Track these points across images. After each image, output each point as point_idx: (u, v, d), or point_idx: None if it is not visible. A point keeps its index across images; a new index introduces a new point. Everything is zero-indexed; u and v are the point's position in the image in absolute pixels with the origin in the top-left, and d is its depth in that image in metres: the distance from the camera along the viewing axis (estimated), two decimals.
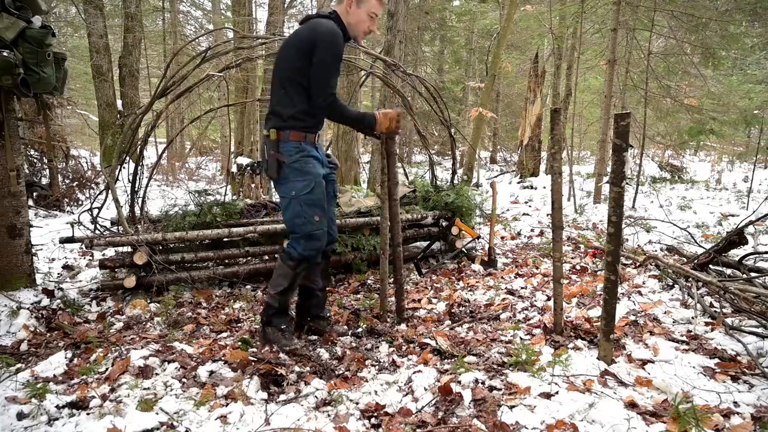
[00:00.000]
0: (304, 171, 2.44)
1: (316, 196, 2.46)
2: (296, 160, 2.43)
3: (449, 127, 4.43)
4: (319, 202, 2.47)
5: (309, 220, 2.44)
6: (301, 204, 2.43)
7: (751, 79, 11.00)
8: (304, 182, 2.43)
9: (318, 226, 2.47)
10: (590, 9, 8.91)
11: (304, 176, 2.44)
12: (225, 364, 2.32)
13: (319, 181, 2.48)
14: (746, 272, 3.35)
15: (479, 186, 9.64)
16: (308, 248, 2.48)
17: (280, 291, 2.51)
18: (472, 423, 1.76)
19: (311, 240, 2.47)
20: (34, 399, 1.94)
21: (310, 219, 2.44)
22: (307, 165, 2.45)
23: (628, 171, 2.23)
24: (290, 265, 2.49)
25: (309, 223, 2.45)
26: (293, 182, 2.44)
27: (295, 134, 2.44)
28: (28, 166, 6.61)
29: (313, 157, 2.49)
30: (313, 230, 2.46)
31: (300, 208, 2.43)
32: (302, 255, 2.47)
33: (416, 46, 13.57)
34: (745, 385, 2.02)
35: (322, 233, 2.50)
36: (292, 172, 2.44)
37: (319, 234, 2.49)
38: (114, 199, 3.37)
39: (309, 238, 2.47)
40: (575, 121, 10.73)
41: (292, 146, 2.44)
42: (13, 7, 2.83)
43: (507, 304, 3.16)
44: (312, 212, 2.45)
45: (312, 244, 2.48)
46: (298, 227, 2.45)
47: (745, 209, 6.88)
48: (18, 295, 3.06)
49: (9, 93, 2.99)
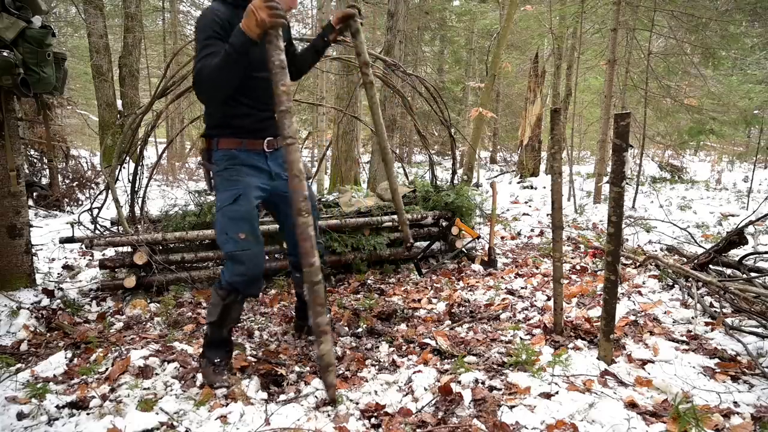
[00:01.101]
0: (231, 180, 2.13)
1: (241, 208, 2.09)
2: (224, 168, 2.15)
3: (449, 127, 4.43)
4: (245, 216, 2.09)
5: (232, 238, 2.06)
6: (225, 217, 2.09)
7: (751, 79, 10.99)
8: (228, 192, 2.11)
9: (242, 246, 2.06)
10: (590, 9, 8.91)
11: (230, 186, 2.13)
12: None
13: (248, 193, 2.12)
14: (746, 272, 3.35)
15: (479, 186, 9.64)
16: (234, 274, 2.07)
17: (211, 322, 2.16)
18: (472, 423, 1.76)
19: (235, 263, 2.07)
20: (34, 399, 1.95)
21: (233, 236, 2.06)
22: (237, 174, 2.13)
23: (628, 171, 2.23)
24: (220, 294, 2.12)
25: (231, 241, 2.06)
26: (220, 193, 2.15)
27: (227, 141, 2.15)
28: (28, 166, 6.60)
29: (249, 166, 2.16)
30: (235, 250, 2.06)
31: (224, 222, 2.09)
32: (229, 283, 2.08)
33: (416, 46, 13.57)
34: (745, 385, 2.02)
35: (249, 256, 2.07)
36: (220, 182, 2.16)
37: (244, 257, 2.06)
38: (114, 199, 3.37)
39: (233, 261, 2.07)
40: (575, 121, 10.73)
41: (221, 155, 2.15)
42: (13, 7, 2.83)
43: (507, 304, 3.16)
44: (235, 228, 2.07)
45: (236, 268, 2.07)
46: (222, 246, 2.09)
47: (745, 209, 6.88)
48: (18, 295, 3.06)
49: (9, 93, 2.99)
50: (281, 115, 1.84)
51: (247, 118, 2.16)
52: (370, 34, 15.18)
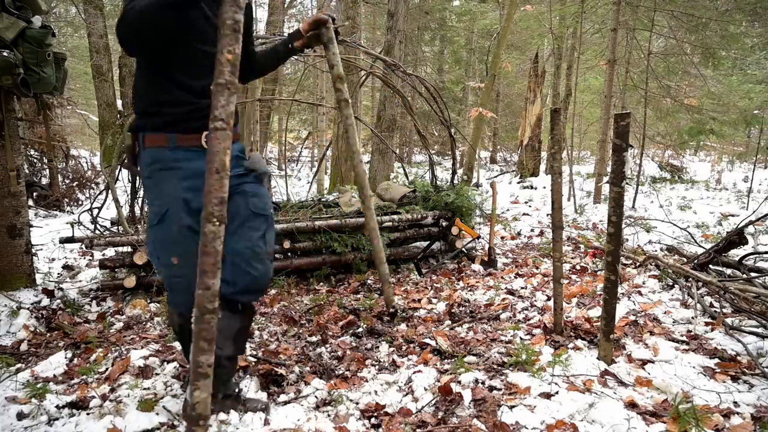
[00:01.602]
0: (155, 191, 1.73)
1: (170, 227, 1.69)
2: (147, 176, 1.74)
3: (449, 127, 4.43)
4: (175, 238, 1.69)
5: (164, 264, 1.73)
6: (155, 238, 1.73)
7: (751, 79, 11.00)
8: (153, 208, 1.74)
9: (175, 273, 1.71)
10: (590, 9, 8.91)
11: (154, 199, 1.74)
12: None
13: (174, 208, 1.69)
14: (746, 272, 3.35)
15: (479, 186, 9.64)
16: (173, 304, 1.78)
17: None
18: (472, 423, 1.76)
19: (174, 292, 1.76)
20: (34, 399, 1.95)
21: (165, 262, 1.72)
22: (162, 182, 1.71)
23: (628, 171, 2.23)
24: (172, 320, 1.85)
25: (164, 267, 1.74)
26: (149, 207, 1.78)
27: (153, 138, 1.71)
28: (28, 166, 6.61)
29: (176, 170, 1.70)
30: (168, 277, 1.74)
31: (154, 243, 1.74)
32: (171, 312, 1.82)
33: (416, 46, 13.57)
34: (745, 385, 2.02)
35: (184, 285, 1.68)
36: (147, 192, 1.80)
37: (177, 284, 1.72)
38: (114, 199, 3.37)
39: (171, 290, 1.77)
40: (575, 121, 10.73)
41: (147, 156, 1.73)
42: (13, 7, 2.83)
43: (507, 304, 3.16)
44: (165, 252, 1.71)
45: (173, 297, 1.77)
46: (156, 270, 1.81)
47: (745, 209, 6.88)
48: (18, 295, 3.06)
49: (9, 93, 2.99)
50: (218, 89, 1.37)
51: (182, 105, 1.71)
52: (370, 34, 15.19)
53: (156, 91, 1.70)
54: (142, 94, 1.72)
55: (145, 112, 1.72)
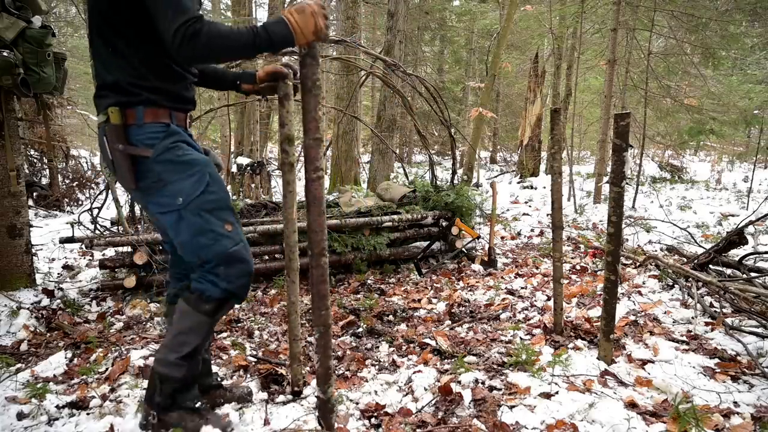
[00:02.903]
0: (185, 162, 1.61)
1: (216, 194, 1.64)
2: (167, 149, 1.59)
3: (449, 127, 4.43)
4: (224, 203, 1.66)
5: (220, 234, 1.62)
6: (200, 212, 1.60)
7: (751, 79, 11.00)
8: (193, 178, 1.60)
9: (236, 239, 1.65)
10: (590, 9, 8.91)
11: (188, 168, 1.61)
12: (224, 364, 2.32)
13: (213, 172, 1.66)
14: (746, 272, 3.35)
15: (479, 186, 9.64)
16: (235, 277, 1.64)
17: (186, 354, 1.66)
18: (472, 423, 1.76)
19: (234, 264, 1.64)
20: (34, 399, 1.95)
21: (221, 231, 1.62)
22: (187, 153, 1.62)
23: (628, 171, 2.23)
24: (206, 310, 1.64)
25: (222, 238, 1.62)
26: (174, 184, 1.59)
27: (154, 112, 1.59)
28: (28, 166, 6.61)
29: (187, 143, 1.66)
30: (231, 247, 1.63)
31: (200, 219, 1.60)
32: (228, 291, 1.64)
33: (416, 46, 13.58)
34: (745, 385, 2.02)
35: (247, 249, 1.68)
36: (165, 169, 1.59)
37: (242, 250, 1.66)
38: (114, 199, 3.37)
39: (230, 262, 1.63)
40: (575, 121, 10.73)
41: (153, 130, 1.59)
42: (13, 7, 2.83)
43: (507, 304, 3.16)
44: (219, 220, 1.63)
45: (238, 269, 1.64)
46: (208, 250, 1.61)
47: (745, 209, 6.88)
48: (18, 295, 3.06)
49: (9, 93, 3.00)
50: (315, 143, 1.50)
51: (179, 81, 1.64)
52: (370, 34, 15.19)
53: (157, 65, 1.59)
54: (128, 67, 1.56)
55: (138, 85, 1.56)
